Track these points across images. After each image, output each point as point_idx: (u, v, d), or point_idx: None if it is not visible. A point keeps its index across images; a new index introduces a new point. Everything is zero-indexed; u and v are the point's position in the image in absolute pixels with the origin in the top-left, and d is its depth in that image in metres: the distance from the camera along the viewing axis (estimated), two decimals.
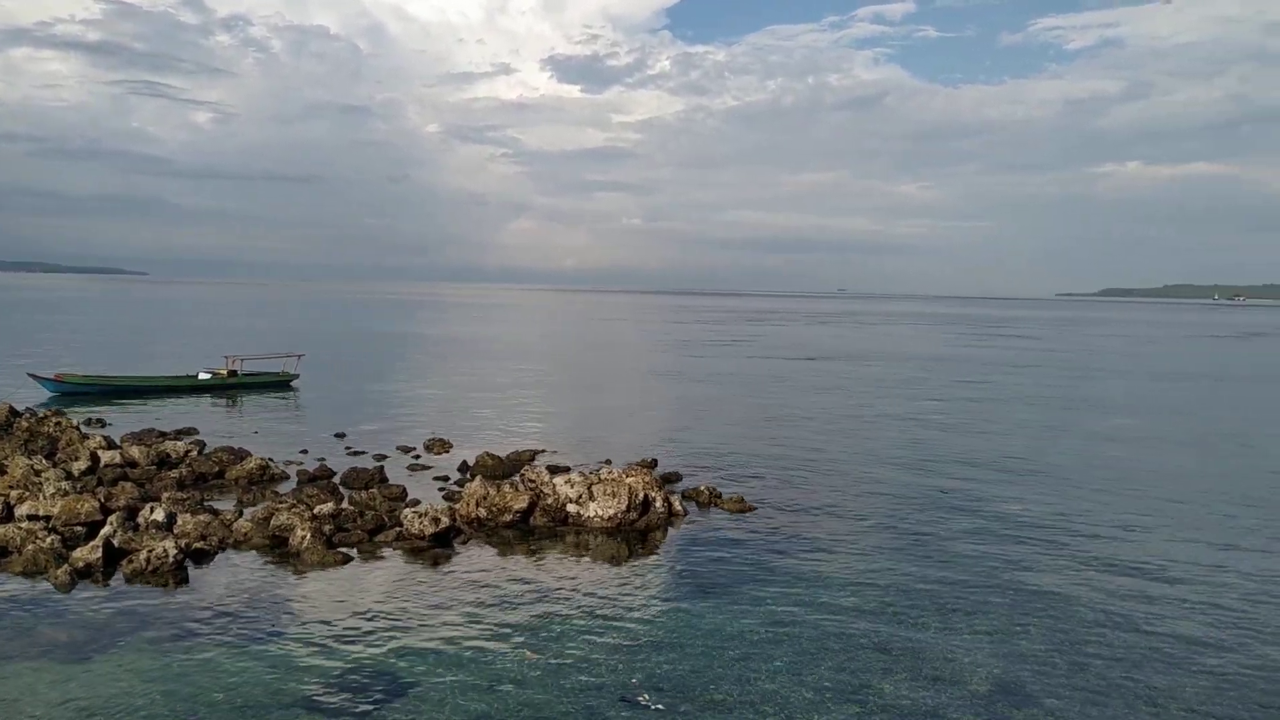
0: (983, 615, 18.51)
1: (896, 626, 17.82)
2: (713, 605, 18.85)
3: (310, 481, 27.99)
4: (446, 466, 31.38)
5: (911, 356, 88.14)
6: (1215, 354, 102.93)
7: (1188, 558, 22.64)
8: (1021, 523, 25.64)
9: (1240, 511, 27.39)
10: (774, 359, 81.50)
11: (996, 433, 41.43)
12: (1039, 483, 30.84)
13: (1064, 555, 22.62)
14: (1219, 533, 25.01)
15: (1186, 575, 21.27)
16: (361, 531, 22.77)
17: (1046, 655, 16.60)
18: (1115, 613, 18.78)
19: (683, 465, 31.96)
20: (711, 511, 26.33)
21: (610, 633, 17.28)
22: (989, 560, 22.11)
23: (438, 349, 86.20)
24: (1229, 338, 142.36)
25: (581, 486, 25.04)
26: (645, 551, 22.78)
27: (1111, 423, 45.62)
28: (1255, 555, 22.96)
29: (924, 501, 27.94)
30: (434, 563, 21.31)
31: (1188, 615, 18.73)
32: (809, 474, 31.50)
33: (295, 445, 34.08)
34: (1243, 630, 18.01)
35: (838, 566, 21.46)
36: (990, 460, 34.60)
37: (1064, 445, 38.51)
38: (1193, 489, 30.42)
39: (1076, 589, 20.16)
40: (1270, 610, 19.13)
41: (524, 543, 23.14)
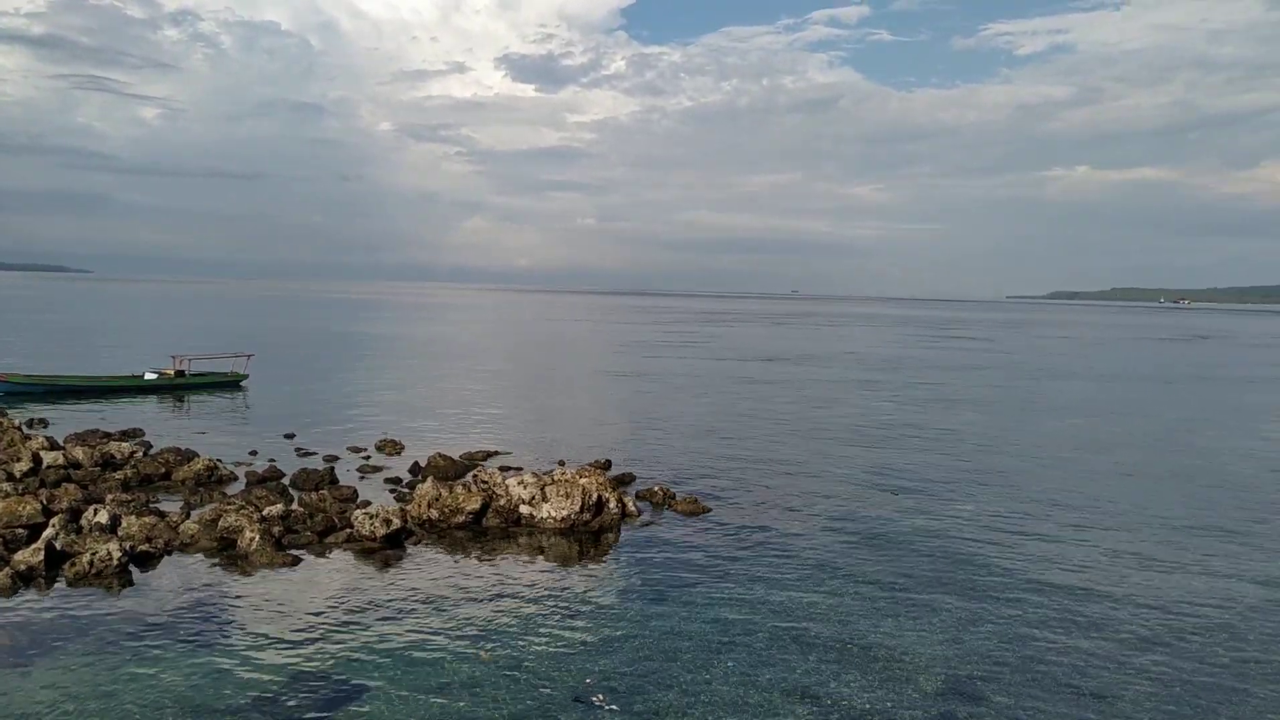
0: (934, 615, 18.67)
1: (849, 626, 17.91)
2: (666, 606, 18.84)
3: (259, 483, 27.63)
4: (398, 468, 31.11)
5: (864, 358, 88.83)
6: (1162, 356, 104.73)
7: (1134, 557, 22.98)
8: (972, 523, 25.90)
9: (1185, 512, 27.86)
10: (728, 360, 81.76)
11: (948, 434, 41.83)
12: (989, 483, 31.18)
13: (1014, 555, 22.87)
14: (1165, 532, 25.43)
15: (1133, 574, 21.60)
16: (311, 533, 22.51)
17: (997, 654, 16.77)
18: (1064, 612, 19.02)
19: (637, 466, 31.94)
20: (665, 512, 26.33)
21: (563, 634, 17.22)
22: (940, 560, 22.30)
23: (389, 349, 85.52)
24: (1176, 340, 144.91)
25: (535, 487, 24.94)
26: (598, 553, 22.73)
27: (1061, 424, 46.25)
28: (1199, 554, 23.36)
29: (876, 502, 28.13)
30: (385, 564, 21.11)
31: (1135, 614, 19.01)
32: (763, 475, 31.61)
33: (244, 446, 33.62)
34: (1187, 629, 18.31)
35: (791, 567, 21.54)
36: (941, 461, 34.93)
37: (1014, 446, 38.96)
38: (1139, 489, 30.91)
39: (1026, 589, 20.40)
40: (1214, 609, 19.47)
41: (476, 544, 23.00)
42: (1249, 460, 36.88)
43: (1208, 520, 26.77)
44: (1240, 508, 28.39)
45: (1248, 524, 26.43)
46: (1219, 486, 31.48)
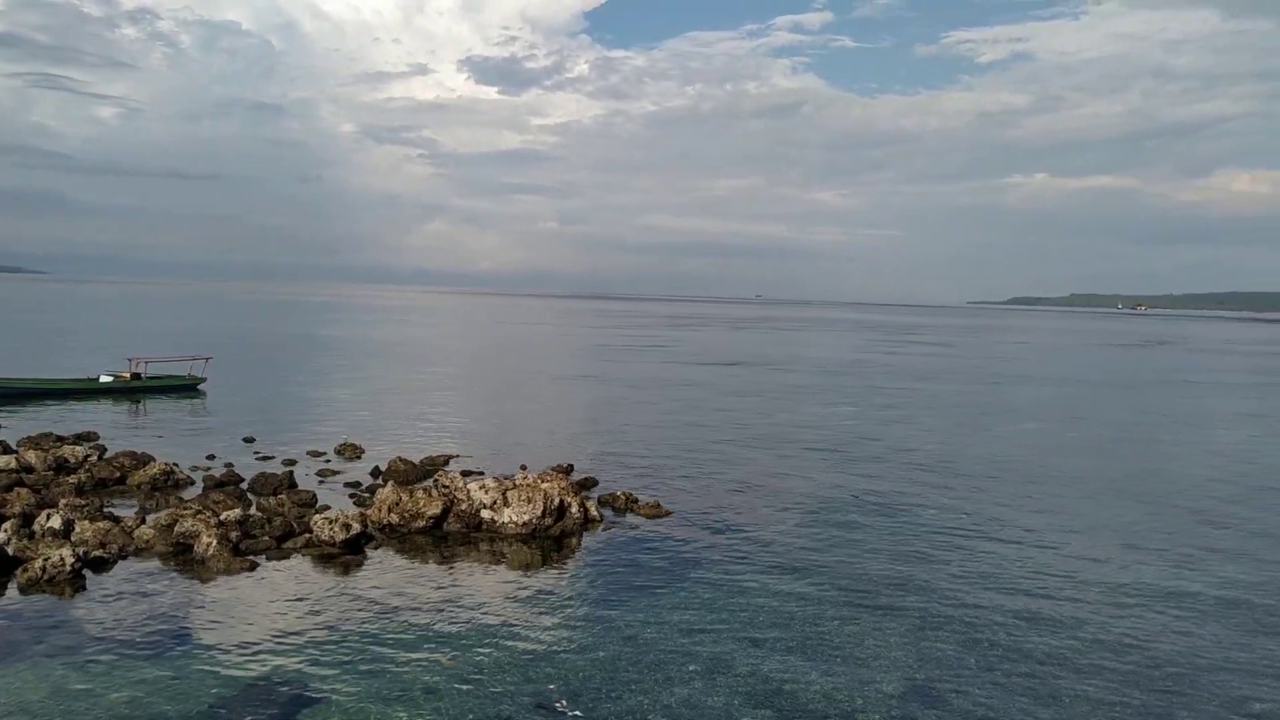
0: (895, 617, 18.76)
1: (811, 629, 17.96)
2: (629, 610, 18.80)
3: (216, 487, 27.29)
4: (358, 472, 30.85)
5: (826, 363, 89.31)
6: (1120, 362, 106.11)
7: (1091, 560, 23.23)
8: (932, 526, 26.07)
9: (1141, 516, 28.21)
10: (691, 364, 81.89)
11: (908, 438, 42.12)
12: (950, 487, 31.41)
13: (974, 557, 23.05)
14: (1121, 536, 25.73)
15: (1091, 576, 21.82)
16: (269, 538, 22.25)
17: (957, 655, 16.88)
18: (1022, 614, 19.17)
19: (599, 470, 31.88)
20: (628, 516, 26.29)
21: (525, 639, 17.13)
22: (901, 563, 22.43)
23: (350, 352, 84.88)
24: (1133, 346, 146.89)
25: (496, 492, 24.81)
26: (560, 557, 22.65)
27: (1019, 428, 46.73)
28: (1154, 558, 23.66)
29: (837, 506, 28.25)
30: (344, 570, 20.91)
31: (1092, 617, 19.21)
32: (725, 479, 31.66)
33: (201, 450, 33.20)
34: (1143, 631, 18.52)
35: (753, 570, 21.57)
36: (902, 465, 35.15)
37: (974, 450, 39.29)
38: (1096, 493, 31.26)
39: (986, 590, 20.55)
40: (1169, 611, 19.71)
41: (437, 549, 22.84)
42: (1203, 465, 37.43)
43: (1163, 524, 27.12)
44: (1194, 512, 28.78)
45: (1202, 527, 26.81)
46: (1174, 491, 31.90)
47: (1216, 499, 30.71)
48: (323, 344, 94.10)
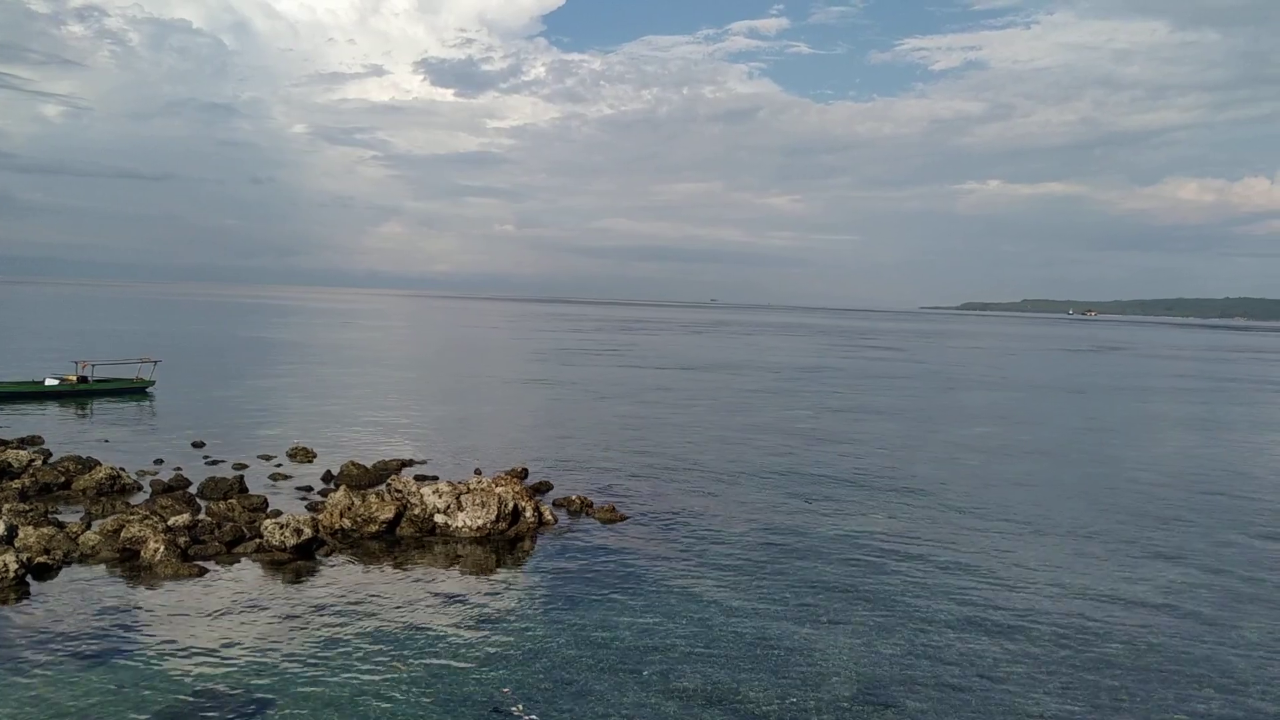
0: (847, 621, 18.87)
1: (764, 633, 18.02)
2: (583, 614, 18.76)
3: (165, 492, 26.90)
4: (310, 476, 30.54)
5: (781, 367, 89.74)
6: (1071, 367, 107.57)
7: (1041, 563, 23.52)
8: (885, 530, 26.28)
9: (1090, 518, 28.61)
10: (646, 368, 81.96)
11: (861, 442, 42.43)
12: (902, 491, 31.67)
13: (925, 562, 23.25)
14: (1070, 539, 26.08)
15: (1039, 580, 22.09)
16: (219, 543, 21.96)
17: (909, 659, 17.01)
18: (973, 617, 19.37)
19: (554, 474, 31.80)
20: (583, 520, 26.25)
21: (480, 643, 17.04)
22: (853, 567, 22.58)
23: (302, 355, 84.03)
24: (1084, 351, 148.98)
25: (450, 496, 24.67)
26: (515, 561, 22.56)
27: (971, 432, 47.21)
28: (1103, 560, 24.01)
29: (791, 510, 28.39)
30: (296, 575, 20.68)
31: (1042, 618, 19.44)
32: (680, 483, 31.70)
33: (149, 454, 32.72)
34: (1092, 632, 18.79)
35: (708, 574, 21.62)
36: (855, 469, 35.40)
37: (926, 455, 39.66)
38: (1047, 497, 31.67)
39: (937, 594, 20.74)
40: (1117, 612, 20.00)
41: (390, 554, 22.66)
42: (1150, 469, 38.04)
43: (1111, 526, 27.52)
44: (1142, 515, 29.25)
45: (1148, 530, 27.24)
46: (1122, 494, 32.40)
47: (1163, 502, 31.22)
48: (275, 347, 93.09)
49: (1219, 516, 29.32)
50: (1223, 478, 36.25)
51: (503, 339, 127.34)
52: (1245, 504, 31.29)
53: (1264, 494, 33.25)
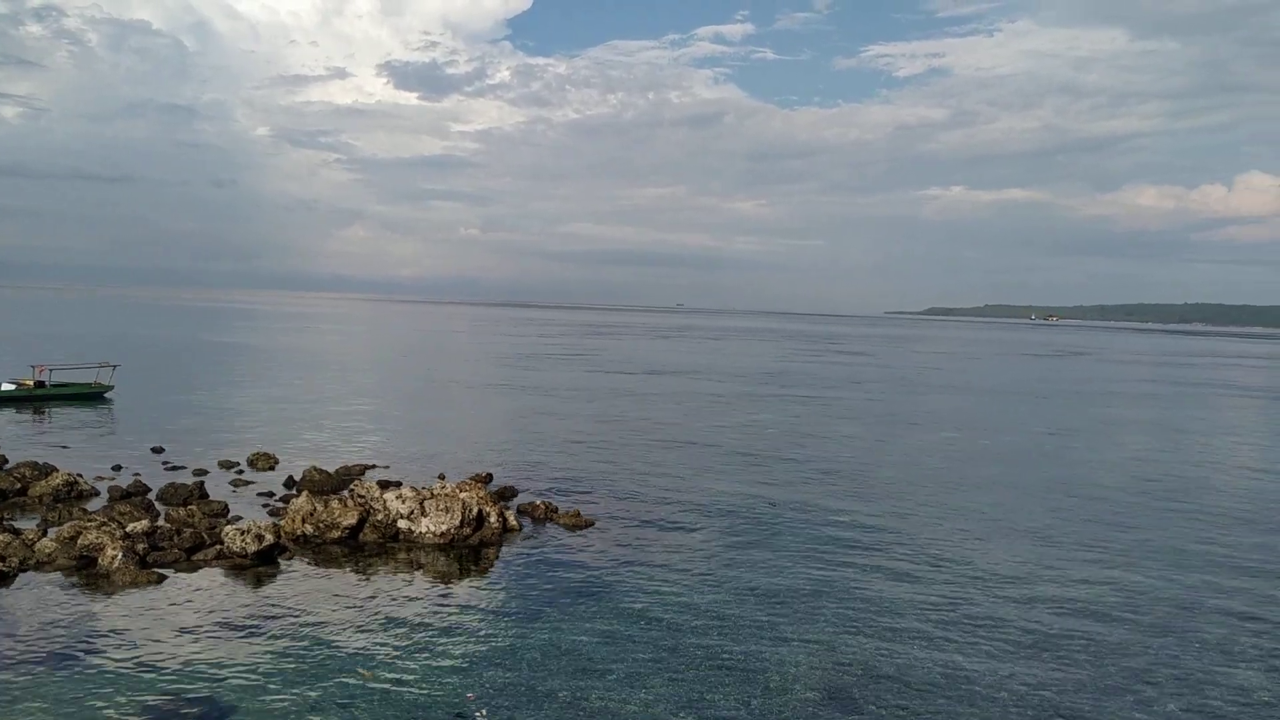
0: (812, 624, 18.92)
1: (729, 637, 18.02)
2: (548, 620, 18.69)
3: (123, 498, 26.53)
4: (271, 481, 30.25)
5: (748, 372, 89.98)
6: (1033, 371, 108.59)
7: (1004, 565, 23.70)
8: (850, 533, 26.38)
9: (1053, 521, 28.87)
10: (613, 373, 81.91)
11: (827, 447, 42.61)
12: (868, 495, 31.82)
13: (889, 565, 23.36)
14: (1033, 542, 26.31)
15: (1003, 582, 22.25)
16: (178, 550, 21.68)
17: (873, 662, 17.07)
18: (937, 620, 19.48)
19: (519, 479, 31.68)
20: (547, 526, 26.16)
21: (443, 650, 16.92)
22: (818, 570, 22.64)
23: (264, 360, 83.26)
24: (1046, 356, 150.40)
25: (413, 502, 24.51)
26: (479, 568, 22.45)
27: (936, 437, 47.54)
28: (1065, 562, 24.22)
29: (758, 514, 28.44)
30: (257, 581, 20.46)
31: (1005, 620, 19.58)
32: (646, 488, 31.68)
33: (107, 460, 32.29)
34: (1053, 634, 18.94)
35: (672, 579, 21.60)
36: (822, 473, 35.53)
37: (891, 459, 39.89)
38: (1010, 500, 31.92)
39: (901, 598, 20.84)
40: (1078, 614, 20.18)
41: (353, 560, 22.48)
42: (1112, 472, 38.47)
43: (1073, 530, 27.78)
44: (1102, 517, 29.55)
45: (1109, 532, 27.52)
46: (1083, 497, 32.70)
47: (1123, 505, 31.56)
48: (237, 351, 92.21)
49: (1177, 519, 29.68)
50: (1181, 481, 36.69)
51: (468, 343, 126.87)
52: (1202, 507, 31.69)
53: (1220, 497, 33.71)
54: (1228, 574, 23.64)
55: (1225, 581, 22.94)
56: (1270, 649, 18.50)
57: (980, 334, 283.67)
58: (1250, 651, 18.33)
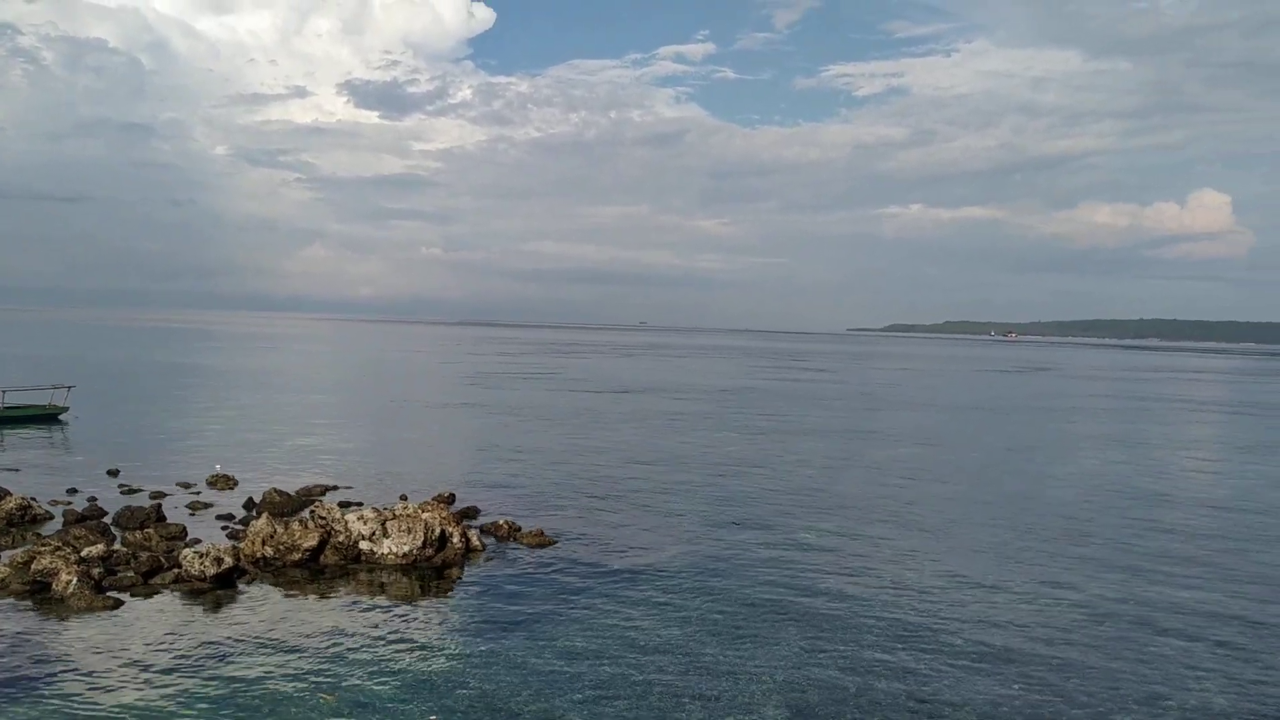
0: (777, 643, 18.91)
1: (694, 657, 17.97)
2: (512, 641, 18.55)
3: (78, 522, 26.10)
4: (231, 504, 29.87)
5: (711, 389, 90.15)
6: (994, 387, 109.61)
7: (966, 580, 23.83)
8: (813, 550, 26.44)
9: (1012, 536, 29.09)
10: (576, 392, 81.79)
11: (790, 464, 42.73)
12: (830, 512, 31.91)
13: (853, 581, 23.41)
14: (993, 557, 26.49)
15: (964, 597, 22.38)
16: (135, 574, 21.34)
17: (838, 679, 17.08)
18: (901, 636, 19.54)
19: (482, 499, 31.49)
20: (511, 545, 26.01)
21: (407, 672, 16.75)
22: (782, 588, 22.65)
23: (223, 381, 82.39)
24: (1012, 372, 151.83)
25: (375, 523, 24.28)
26: (442, 588, 22.26)
27: (899, 453, 47.81)
28: (1024, 577, 24.40)
29: (721, 532, 28.44)
30: (216, 606, 20.17)
31: (967, 635, 19.68)
32: (609, 506, 31.60)
33: (62, 483, 31.76)
34: (1014, 647, 19.06)
35: (637, 598, 21.53)
36: (784, 491, 35.60)
37: (854, 475, 40.06)
38: (971, 515, 32.14)
39: (865, 614, 20.88)
40: (1038, 628, 20.32)
41: (314, 582, 22.22)
42: (1072, 486, 38.83)
43: (1034, 545, 28.00)
44: (1063, 532, 29.80)
45: (1069, 547, 27.76)
46: (1044, 512, 32.97)
47: (1083, 520, 31.85)
48: (195, 372, 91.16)
49: (1137, 533, 29.98)
50: (1140, 496, 37.09)
51: (430, 363, 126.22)
52: (1161, 521, 32.06)
53: (1179, 511, 34.10)
54: (1184, 586, 23.91)
55: (1182, 594, 23.20)
56: (1228, 661, 18.72)
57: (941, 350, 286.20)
58: (1208, 662, 18.54)
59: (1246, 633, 20.37)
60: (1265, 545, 28.76)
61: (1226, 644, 19.62)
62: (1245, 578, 24.83)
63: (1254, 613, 21.76)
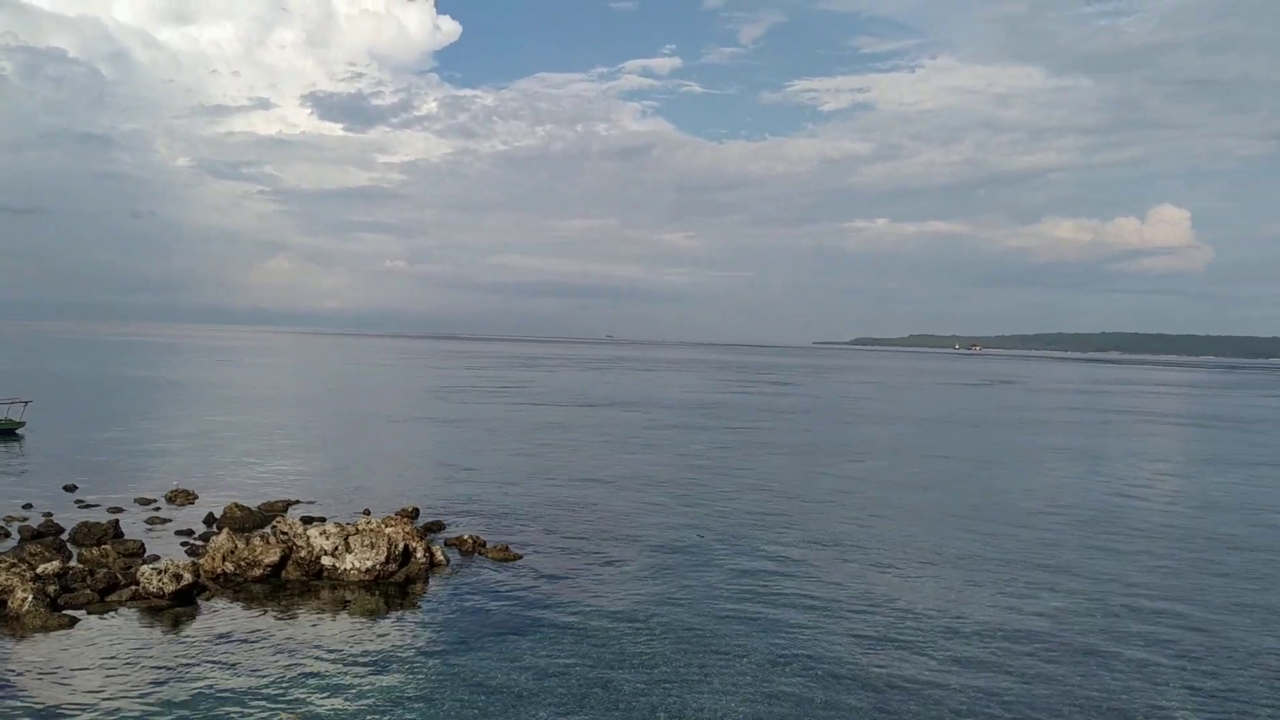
0: (742, 652, 18.86)
1: (659, 670, 17.88)
2: (476, 656, 18.39)
3: (34, 538, 25.67)
4: (191, 519, 29.48)
5: (678, 403, 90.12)
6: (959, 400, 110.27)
7: (932, 590, 23.90)
8: (779, 562, 26.41)
9: (978, 547, 29.22)
10: (542, 405, 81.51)
11: (756, 476, 42.72)
12: (795, 525, 31.92)
13: (819, 592, 23.41)
14: (960, 566, 26.59)
15: (930, 608, 22.42)
16: (92, 591, 20.97)
17: (804, 692, 17.05)
18: (867, 646, 19.55)
19: (446, 513, 31.27)
20: (475, 560, 25.82)
21: (369, 689, 16.55)
22: (748, 599, 22.61)
23: (184, 395, 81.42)
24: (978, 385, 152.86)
25: (338, 537, 24.02)
26: (406, 604, 22.03)
27: (865, 465, 47.95)
28: (990, 586, 24.51)
29: (687, 545, 28.37)
30: (175, 623, 19.85)
31: (933, 645, 19.71)
32: (575, 520, 31.46)
33: (17, 499, 31.21)
34: (980, 656, 19.11)
35: (601, 613, 21.41)
36: (750, 503, 35.59)
37: (820, 487, 40.11)
38: (937, 526, 32.24)
39: (831, 624, 20.88)
40: (1002, 639, 20.39)
41: (275, 599, 21.93)
42: (1036, 498, 39.06)
43: (997, 555, 28.14)
44: (1026, 543, 29.98)
45: (1033, 557, 27.92)
46: (1009, 523, 33.16)
47: (1046, 531, 32.07)
48: (154, 386, 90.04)
49: (1099, 544, 30.20)
50: (1103, 507, 37.39)
51: (394, 377, 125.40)
52: (1123, 532, 32.33)
53: (1141, 522, 34.40)
54: (1144, 594, 24.10)
55: (1143, 602, 23.38)
56: (1187, 668, 18.89)
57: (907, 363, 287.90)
58: (1167, 670, 18.70)
59: (1205, 641, 20.56)
60: (1223, 554, 29.09)
61: (1187, 653, 19.79)
62: (1204, 587, 25.09)
63: (1212, 622, 21.97)
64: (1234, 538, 31.84)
